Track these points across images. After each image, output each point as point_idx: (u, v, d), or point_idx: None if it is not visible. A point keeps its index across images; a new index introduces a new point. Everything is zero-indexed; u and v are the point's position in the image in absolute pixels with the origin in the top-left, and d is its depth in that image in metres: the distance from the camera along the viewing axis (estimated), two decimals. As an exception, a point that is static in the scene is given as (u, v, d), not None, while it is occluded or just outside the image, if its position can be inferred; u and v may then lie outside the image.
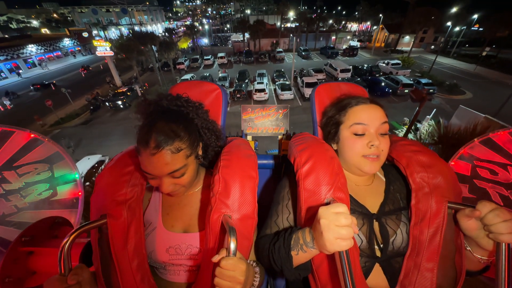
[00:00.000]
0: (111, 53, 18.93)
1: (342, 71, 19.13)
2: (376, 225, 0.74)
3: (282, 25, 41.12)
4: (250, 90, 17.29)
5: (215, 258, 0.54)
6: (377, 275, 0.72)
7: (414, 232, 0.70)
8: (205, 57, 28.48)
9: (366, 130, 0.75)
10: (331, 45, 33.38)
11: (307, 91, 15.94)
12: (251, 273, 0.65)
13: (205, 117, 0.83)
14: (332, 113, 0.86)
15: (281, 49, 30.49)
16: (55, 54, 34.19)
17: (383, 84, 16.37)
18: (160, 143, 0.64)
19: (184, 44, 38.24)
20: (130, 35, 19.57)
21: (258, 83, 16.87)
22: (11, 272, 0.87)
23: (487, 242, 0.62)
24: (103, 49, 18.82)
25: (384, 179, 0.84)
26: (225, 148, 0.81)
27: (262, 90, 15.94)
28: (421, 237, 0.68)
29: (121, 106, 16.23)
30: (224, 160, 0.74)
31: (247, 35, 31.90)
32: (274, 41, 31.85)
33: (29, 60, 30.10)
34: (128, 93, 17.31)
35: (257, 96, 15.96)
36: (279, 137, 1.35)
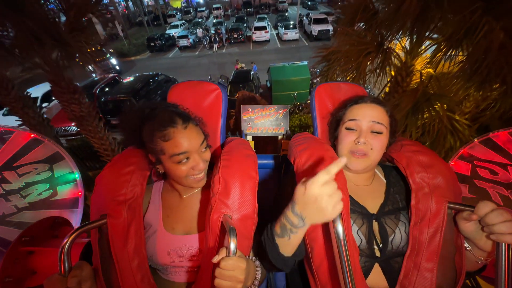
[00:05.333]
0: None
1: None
2: (375, 225, 0.75)
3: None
4: (249, 35, 15.68)
5: (215, 259, 0.53)
6: (377, 275, 0.72)
7: (413, 232, 0.70)
8: (198, 9, 27.21)
9: (357, 126, 0.77)
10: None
11: (315, 28, 14.51)
12: (252, 269, 0.65)
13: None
14: (335, 111, 0.90)
15: (284, -1, 27.12)
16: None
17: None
18: (185, 117, 0.71)
19: (177, 3, 35.62)
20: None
21: (258, 21, 15.11)
22: (11, 272, 0.87)
23: (484, 243, 0.63)
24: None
25: (384, 181, 0.85)
26: (225, 148, 0.81)
27: (263, 28, 14.39)
28: (420, 237, 0.68)
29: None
30: (224, 160, 0.74)
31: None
32: (276, -10, 27.89)
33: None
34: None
35: (257, 36, 14.37)
36: (279, 137, 1.34)
